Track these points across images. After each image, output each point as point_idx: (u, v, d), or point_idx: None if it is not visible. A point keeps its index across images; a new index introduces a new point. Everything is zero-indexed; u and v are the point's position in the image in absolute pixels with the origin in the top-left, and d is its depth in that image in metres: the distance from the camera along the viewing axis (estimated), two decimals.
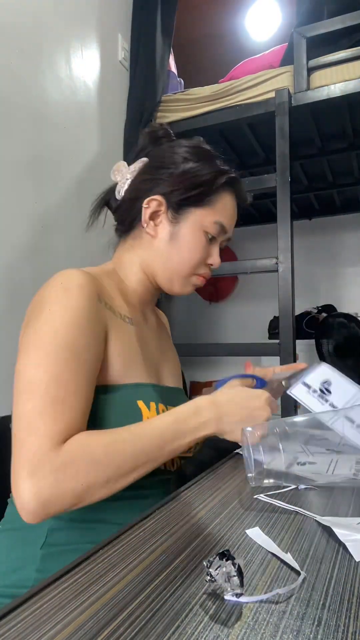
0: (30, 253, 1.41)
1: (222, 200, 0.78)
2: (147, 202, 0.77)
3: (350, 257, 2.89)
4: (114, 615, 0.35)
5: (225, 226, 0.79)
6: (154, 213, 0.77)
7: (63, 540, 0.63)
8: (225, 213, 0.79)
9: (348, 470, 0.66)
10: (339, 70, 1.68)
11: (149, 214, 0.77)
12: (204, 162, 0.77)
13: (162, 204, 0.77)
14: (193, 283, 0.80)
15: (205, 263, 0.79)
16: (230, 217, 0.80)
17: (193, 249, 0.77)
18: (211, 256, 0.80)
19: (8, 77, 1.35)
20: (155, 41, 1.96)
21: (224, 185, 0.78)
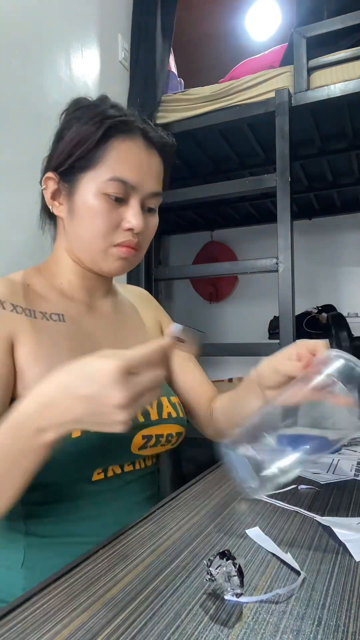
0: (30, 253, 1.41)
1: (112, 152, 0.65)
2: (44, 182, 0.70)
3: (350, 257, 2.89)
4: (114, 615, 0.35)
5: (130, 181, 0.65)
6: (54, 193, 0.70)
7: (42, 558, 0.62)
8: (123, 166, 0.65)
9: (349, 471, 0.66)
10: (339, 70, 1.68)
11: (49, 195, 0.70)
12: (85, 119, 0.66)
13: (55, 180, 0.69)
14: (117, 256, 0.68)
15: (121, 229, 0.67)
16: (133, 168, 0.66)
17: (93, 218, 0.66)
18: (126, 219, 0.67)
19: (8, 77, 1.35)
20: (155, 41, 1.96)
21: (110, 134, 0.65)
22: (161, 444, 0.70)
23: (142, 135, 0.68)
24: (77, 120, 0.67)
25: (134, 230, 0.67)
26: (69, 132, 0.67)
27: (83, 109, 0.69)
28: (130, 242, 0.68)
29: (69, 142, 0.67)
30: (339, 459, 0.79)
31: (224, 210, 2.88)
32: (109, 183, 0.65)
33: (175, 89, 2.16)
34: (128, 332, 0.78)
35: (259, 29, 2.91)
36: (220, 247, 3.20)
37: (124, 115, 0.67)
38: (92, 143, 0.65)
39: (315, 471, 0.72)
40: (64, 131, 0.69)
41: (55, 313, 0.68)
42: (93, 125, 0.65)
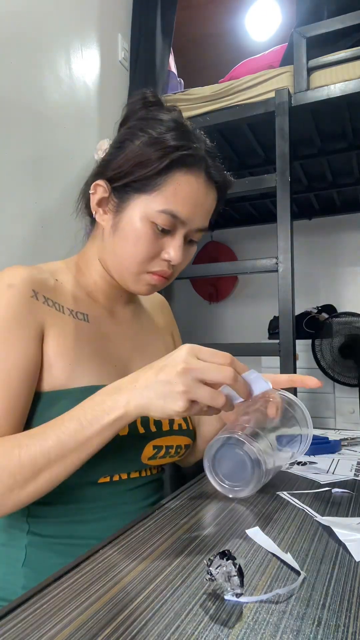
0: (30, 253, 1.41)
1: (172, 183, 0.63)
2: (93, 187, 0.68)
3: (350, 257, 2.89)
4: (114, 615, 0.35)
5: (180, 216, 0.64)
6: (101, 200, 0.68)
7: (43, 557, 0.62)
8: (178, 200, 0.64)
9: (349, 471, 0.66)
10: (339, 70, 1.68)
11: (96, 201, 0.68)
12: (153, 138, 0.64)
13: (106, 190, 0.67)
14: (148, 282, 0.69)
15: (159, 258, 0.67)
16: (188, 204, 0.65)
17: (135, 242, 0.65)
18: (166, 250, 0.66)
19: (8, 77, 1.35)
20: (155, 41, 1.97)
21: (174, 166, 0.63)
22: (170, 455, 0.70)
23: (204, 170, 0.66)
24: (142, 135, 0.65)
25: (171, 263, 0.67)
26: (131, 145, 0.65)
27: (149, 121, 0.66)
28: (165, 272, 0.68)
29: (129, 160, 0.64)
30: (339, 459, 0.79)
31: (224, 210, 2.87)
32: (160, 214, 0.64)
33: (175, 89, 2.16)
34: (144, 340, 0.79)
35: (259, 29, 2.92)
36: (220, 247, 3.21)
37: (191, 148, 0.64)
38: (154, 170, 0.63)
39: (315, 471, 0.72)
40: (125, 142, 0.66)
41: (81, 312, 0.69)
42: (158, 151, 0.63)
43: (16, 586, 0.61)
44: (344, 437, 0.95)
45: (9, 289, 0.61)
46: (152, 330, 0.83)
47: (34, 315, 0.62)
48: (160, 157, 0.63)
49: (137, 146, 0.64)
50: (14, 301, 0.60)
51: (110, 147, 0.70)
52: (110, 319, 0.74)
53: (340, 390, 2.50)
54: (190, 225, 0.67)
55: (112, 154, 0.69)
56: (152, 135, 0.64)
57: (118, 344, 0.73)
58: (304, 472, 0.71)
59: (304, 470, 0.73)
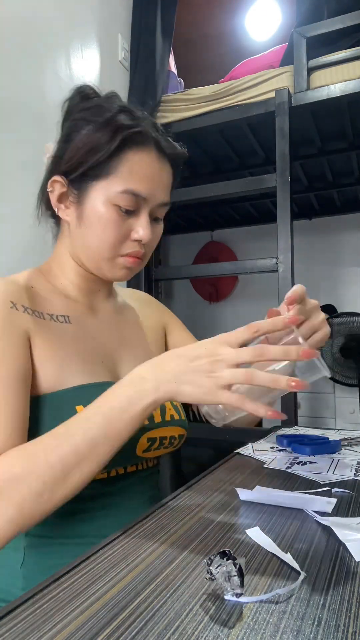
0: (30, 253, 1.41)
1: (126, 163, 0.64)
2: (50, 184, 0.68)
3: (350, 257, 2.89)
4: (114, 615, 0.35)
5: (141, 193, 0.65)
6: (61, 195, 0.68)
7: (42, 558, 0.62)
8: (135, 178, 0.64)
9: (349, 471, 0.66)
10: (339, 70, 1.68)
11: (55, 198, 0.69)
12: (96, 124, 0.64)
13: (63, 184, 0.67)
14: (123, 265, 0.69)
15: (130, 240, 0.67)
16: (145, 180, 0.65)
17: (103, 228, 0.65)
18: (135, 230, 0.67)
19: (8, 77, 1.35)
20: (155, 41, 1.97)
21: (124, 146, 0.64)
22: (164, 447, 0.71)
23: (155, 146, 0.67)
24: (87, 123, 0.65)
25: (142, 241, 0.68)
26: (78, 135, 0.66)
27: (92, 109, 0.67)
28: (137, 252, 0.68)
29: (80, 149, 0.65)
30: (339, 459, 0.79)
31: (224, 210, 2.88)
32: (121, 195, 0.64)
33: (175, 89, 2.16)
34: (128, 333, 0.78)
35: (259, 29, 2.92)
36: (220, 247, 3.21)
37: (138, 126, 0.65)
38: (106, 154, 0.63)
39: (315, 471, 0.72)
40: (72, 134, 0.67)
41: (61, 315, 0.68)
42: (106, 134, 0.63)
43: (15, 588, 0.61)
44: (344, 437, 0.95)
45: None
46: (136, 323, 0.82)
47: (17, 325, 0.61)
48: (110, 139, 0.63)
49: (84, 135, 0.65)
50: None
51: (58, 144, 0.70)
52: (92, 317, 0.74)
53: (340, 390, 2.50)
54: (153, 201, 0.67)
55: (60, 149, 0.69)
56: (98, 121, 0.64)
57: (103, 339, 0.73)
58: (304, 472, 0.71)
59: (304, 470, 0.73)
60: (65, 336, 0.67)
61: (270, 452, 0.85)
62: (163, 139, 0.69)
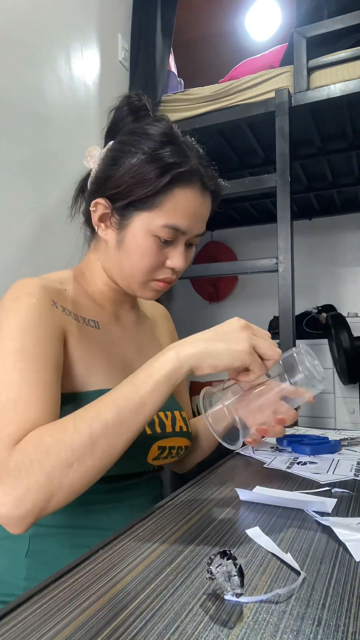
0: (30, 253, 1.41)
1: (172, 199, 0.66)
2: (93, 205, 0.71)
3: (350, 257, 2.89)
4: (114, 615, 0.35)
5: (181, 228, 0.68)
6: (102, 216, 0.71)
7: (46, 547, 0.63)
8: (178, 213, 0.67)
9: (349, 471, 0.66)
10: (339, 70, 1.68)
11: (97, 218, 0.71)
12: (149, 156, 0.66)
13: (107, 207, 0.70)
14: (153, 288, 0.73)
15: (164, 267, 0.71)
16: (187, 216, 0.68)
17: (141, 256, 0.69)
18: (170, 259, 0.70)
19: (8, 77, 1.35)
20: (155, 41, 1.96)
21: (172, 183, 0.66)
22: (171, 456, 0.73)
23: (199, 181, 0.69)
24: (136, 151, 0.67)
25: (174, 270, 0.71)
26: (127, 163, 0.67)
27: (142, 136, 0.68)
28: (169, 278, 0.72)
29: (128, 180, 0.67)
30: (339, 459, 0.79)
31: (224, 210, 2.88)
32: (163, 229, 0.67)
33: (175, 89, 2.16)
34: (147, 344, 0.82)
35: (259, 29, 2.91)
36: (220, 247, 3.21)
37: (187, 163, 0.67)
38: (154, 190, 0.66)
39: (315, 471, 0.72)
40: (120, 159, 0.68)
41: (92, 319, 0.72)
42: (156, 170, 0.65)
43: (18, 578, 0.62)
44: (344, 437, 0.95)
45: (31, 297, 0.63)
46: (153, 335, 0.87)
47: (56, 321, 0.64)
48: (159, 176, 0.65)
49: (133, 165, 0.66)
50: (39, 306, 0.63)
51: (104, 162, 0.72)
52: (117, 324, 0.78)
53: (340, 390, 2.50)
54: (190, 234, 0.70)
55: (106, 171, 0.70)
56: (147, 152, 0.66)
57: (124, 347, 0.76)
58: (304, 472, 0.72)
59: (304, 470, 0.73)
60: (94, 341, 0.70)
61: (270, 452, 0.85)
62: (207, 175, 0.71)
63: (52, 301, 0.65)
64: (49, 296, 0.65)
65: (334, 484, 0.65)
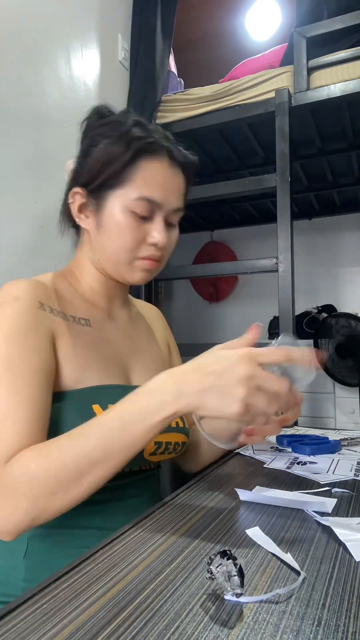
0: (30, 253, 1.41)
1: (140, 172, 0.68)
2: (71, 196, 0.73)
3: (350, 257, 2.89)
4: (114, 615, 0.35)
5: (156, 200, 0.69)
6: (81, 206, 0.73)
7: (45, 548, 0.63)
8: (149, 185, 0.69)
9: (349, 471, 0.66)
10: (339, 70, 1.68)
11: (76, 208, 0.73)
12: (112, 138, 0.69)
13: (83, 195, 0.72)
14: (141, 268, 0.73)
15: (146, 244, 0.71)
16: (159, 188, 0.70)
17: (120, 233, 0.70)
18: (150, 235, 0.71)
19: (8, 77, 1.35)
20: (155, 41, 1.96)
21: (138, 155, 0.68)
22: (168, 452, 0.73)
23: (167, 154, 0.71)
24: (103, 138, 0.70)
25: (157, 245, 0.72)
26: (96, 149, 0.70)
27: (108, 125, 0.71)
28: (154, 255, 0.72)
29: (97, 161, 0.69)
30: (339, 459, 0.79)
31: (224, 210, 2.88)
32: (136, 202, 0.69)
33: (175, 89, 2.16)
34: (141, 341, 0.83)
35: (259, 29, 2.91)
36: (220, 247, 3.20)
37: (151, 136, 0.69)
38: (121, 163, 0.68)
39: (315, 471, 0.72)
40: (90, 148, 0.71)
41: (83, 318, 0.72)
42: (121, 146, 0.68)
43: (17, 579, 0.62)
44: (344, 437, 0.95)
45: (17, 301, 0.63)
46: (148, 334, 0.87)
47: (44, 324, 0.64)
48: (124, 150, 0.68)
49: (101, 148, 0.69)
50: (24, 311, 0.63)
51: (77, 159, 0.75)
52: (109, 322, 0.78)
53: (340, 390, 2.50)
54: (167, 207, 0.71)
55: (80, 163, 0.73)
56: (114, 135, 0.69)
57: (117, 345, 0.76)
58: (304, 472, 0.72)
59: (304, 470, 0.73)
60: (86, 339, 0.70)
61: (270, 452, 0.85)
62: (174, 148, 0.72)
63: (40, 303, 0.66)
64: (36, 297, 0.65)
65: (334, 484, 0.65)
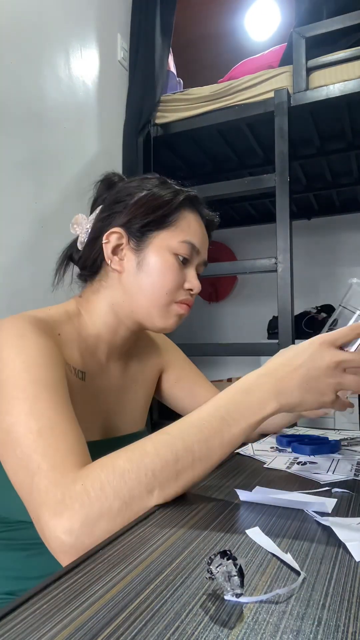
0: (30, 253, 1.41)
1: (185, 219, 0.73)
2: (107, 236, 0.72)
3: (349, 257, 2.89)
4: (114, 615, 0.35)
5: (196, 246, 0.73)
6: (116, 247, 0.72)
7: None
8: (191, 232, 0.73)
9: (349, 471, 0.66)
10: (338, 70, 1.68)
11: (110, 249, 0.72)
12: (158, 186, 0.73)
13: (122, 235, 0.72)
14: (175, 313, 0.73)
15: (183, 288, 0.73)
16: (198, 236, 0.74)
17: (164, 274, 0.70)
18: (188, 280, 0.73)
19: (7, 77, 1.35)
20: (154, 41, 1.97)
21: (184, 204, 0.73)
22: None
23: (204, 214, 0.77)
24: (141, 190, 0.73)
25: (192, 291, 0.75)
26: (139, 194, 0.72)
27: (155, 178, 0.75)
28: (188, 300, 0.75)
29: (144, 203, 0.71)
30: (339, 459, 0.79)
31: (223, 210, 2.88)
32: (181, 245, 0.72)
33: (175, 89, 2.16)
34: (126, 395, 0.81)
35: (259, 29, 2.92)
36: (220, 247, 3.21)
37: (189, 191, 0.75)
38: (171, 207, 0.72)
39: (315, 471, 0.72)
40: (135, 193, 0.73)
41: (80, 370, 0.69)
42: (169, 193, 0.72)
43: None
44: (344, 437, 0.95)
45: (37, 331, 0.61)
46: (136, 381, 0.84)
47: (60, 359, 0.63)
48: (173, 197, 0.72)
49: (146, 194, 0.72)
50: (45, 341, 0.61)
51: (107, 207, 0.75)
52: (102, 375, 0.75)
53: None
54: (202, 255, 0.76)
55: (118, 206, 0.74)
56: (158, 184, 0.74)
57: (104, 398, 0.75)
58: (304, 472, 0.72)
59: (304, 470, 0.73)
60: (79, 391, 0.68)
61: (270, 452, 0.85)
62: (205, 207, 0.78)
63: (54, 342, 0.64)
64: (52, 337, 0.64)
65: (334, 484, 0.65)
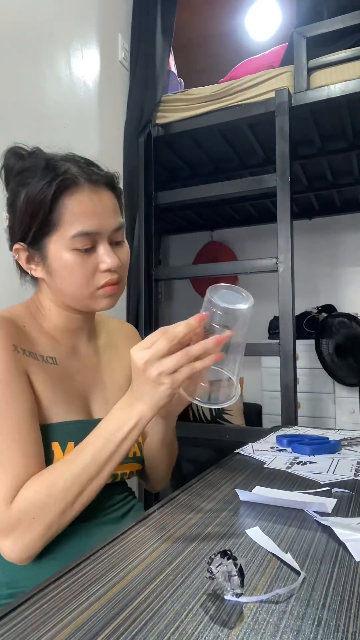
0: None
1: (67, 208, 0.68)
2: (14, 252, 0.73)
3: (350, 257, 2.89)
4: (114, 615, 0.35)
5: (92, 230, 0.69)
6: (27, 258, 0.73)
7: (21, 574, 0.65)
8: (79, 218, 0.68)
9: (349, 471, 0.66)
10: (339, 70, 1.68)
11: (24, 262, 0.73)
12: (38, 176, 0.69)
13: (25, 248, 0.72)
14: (104, 296, 0.72)
15: (99, 272, 0.71)
16: (91, 217, 0.69)
17: (71, 273, 0.69)
18: (102, 261, 0.70)
19: (8, 77, 1.35)
20: (155, 41, 1.96)
21: (61, 192, 0.68)
22: (116, 480, 0.74)
23: (86, 180, 0.69)
24: (24, 187, 0.69)
25: (111, 269, 0.71)
26: (19, 201, 0.70)
27: (22, 174, 0.71)
28: (111, 280, 0.72)
29: (24, 215, 0.69)
30: (339, 459, 0.79)
31: (224, 210, 2.88)
32: (74, 239, 0.68)
33: (175, 89, 2.16)
34: (104, 376, 0.82)
35: (259, 28, 2.92)
36: (220, 247, 3.21)
37: (61, 173, 0.68)
38: (46, 210, 0.68)
39: (315, 471, 0.72)
40: (14, 202, 0.71)
41: (50, 356, 0.73)
42: (40, 194, 0.67)
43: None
44: (344, 437, 0.95)
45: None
46: (113, 363, 0.85)
47: (20, 366, 0.67)
48: (43, 198, 0.67)
49: (23, 202, 0.69)
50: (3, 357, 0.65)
51: (8, 214, 0.74)
52: (74, 358, 0.78)
53: (340, 390, 2.50)
54: (105, 231, 0.70)
55: (11, 219, 0.73)
56: (29, 184, 0.69)
57: (81, 379, 0.77)
58: (304, 472, 0.72)
59: (304, 470, 0.73)
60: (53, 376, 0.72)
61: (270, 452, 0.85)
62: (88, 170, 0.71)
63: (13, 346, 0.67)
64: (10, 340, 0.67)
65: (334, 484, 0.65)
